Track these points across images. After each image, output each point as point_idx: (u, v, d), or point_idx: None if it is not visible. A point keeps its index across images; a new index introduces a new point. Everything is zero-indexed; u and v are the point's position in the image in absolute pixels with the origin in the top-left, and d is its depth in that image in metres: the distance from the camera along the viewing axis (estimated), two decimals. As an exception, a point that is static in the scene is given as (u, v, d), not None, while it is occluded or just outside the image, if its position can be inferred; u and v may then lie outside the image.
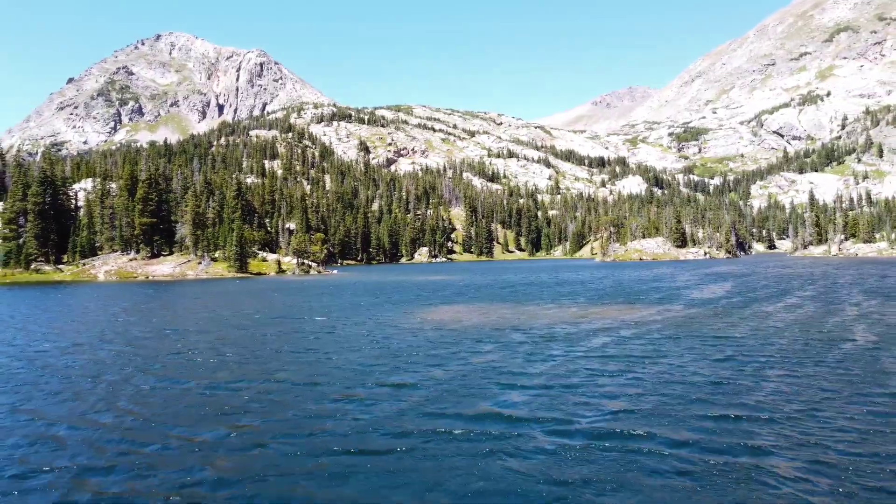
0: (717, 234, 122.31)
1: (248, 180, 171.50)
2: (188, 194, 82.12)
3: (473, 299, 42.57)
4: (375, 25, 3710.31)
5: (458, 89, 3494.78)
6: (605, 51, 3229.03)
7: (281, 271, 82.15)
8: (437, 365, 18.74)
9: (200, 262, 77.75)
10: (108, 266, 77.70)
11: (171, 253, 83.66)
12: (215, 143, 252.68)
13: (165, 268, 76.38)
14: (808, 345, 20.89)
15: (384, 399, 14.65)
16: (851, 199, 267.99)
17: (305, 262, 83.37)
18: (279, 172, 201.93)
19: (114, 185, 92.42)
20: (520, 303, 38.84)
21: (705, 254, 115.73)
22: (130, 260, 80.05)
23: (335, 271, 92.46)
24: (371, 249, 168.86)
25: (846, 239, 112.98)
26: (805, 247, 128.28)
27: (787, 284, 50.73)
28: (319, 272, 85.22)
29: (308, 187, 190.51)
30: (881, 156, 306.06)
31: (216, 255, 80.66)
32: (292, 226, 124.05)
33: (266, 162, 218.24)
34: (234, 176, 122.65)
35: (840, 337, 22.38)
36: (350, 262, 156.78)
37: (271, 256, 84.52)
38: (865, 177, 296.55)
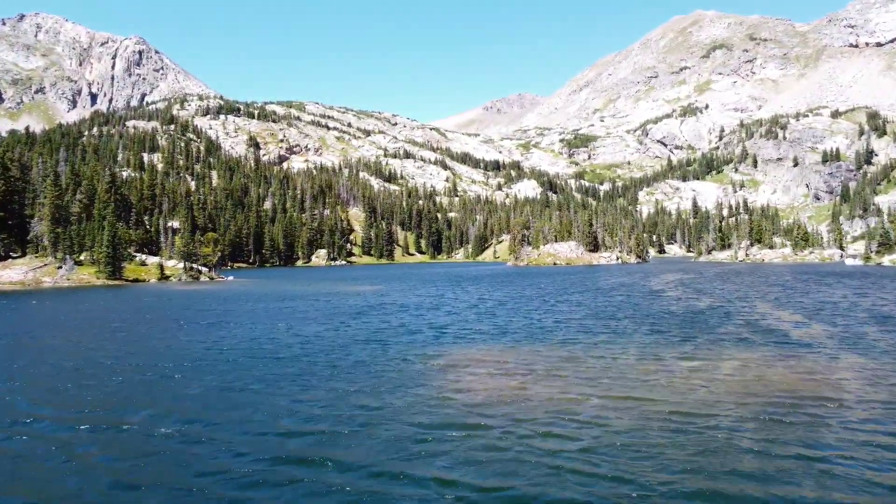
0: (628, 239, 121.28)
1: (124, 174, 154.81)
2: (47, 183, 68.14)
3: (475, 334, 28.99)
4: (264, 19, 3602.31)
5: (351, 88, 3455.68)
6: (494, 57, 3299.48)
7: (164, 277, 69.69)
8: None
9: (61, 267, 64.34)
10: (-61, 270, 63.33)
11: (24, 254, 69.88)
12: (87, 133, 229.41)
13: (14, 273, 62.90)
14: None
15: None
16: (731, 206, 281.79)
17: (195, 266, 71.85)
18: (160, 167, 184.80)
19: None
20: (567, 344, 25.58)
21: (617, 258, 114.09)
22: (-30, 263, 65.77)
23: (230, 277, 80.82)
24: (265, 251, 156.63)
25: (751, 245, 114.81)
26: (709, 251, 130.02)
27: (824, 297, 43.95)
28: (212, 278, 73.60)
29: (193, 183, 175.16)
30: (755, 166, 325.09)
31: (82, 257, 67.60)
32: (176, 224, 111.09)
33: (145, 155, 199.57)
34: (107, 167, 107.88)
35: None
36: (241, 264, 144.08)
37: (153, 259, 71.77)
38: (742, 185, 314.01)
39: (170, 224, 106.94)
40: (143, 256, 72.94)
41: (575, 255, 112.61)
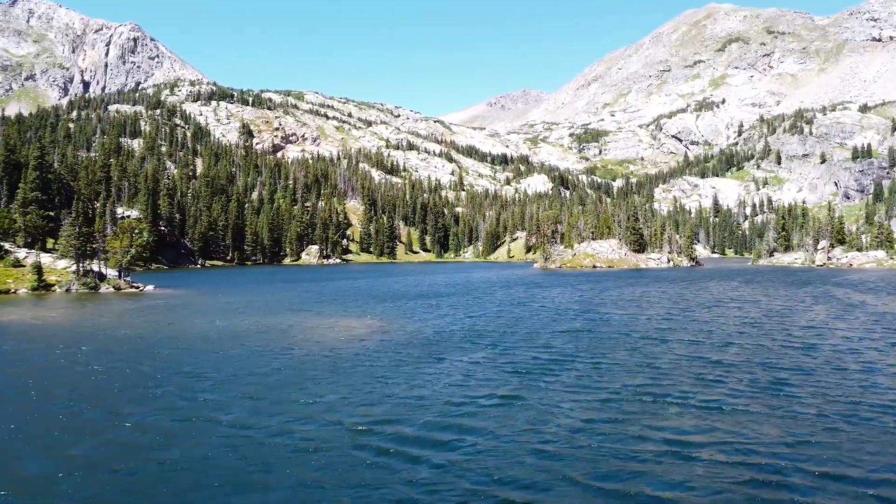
0: (678, 237, 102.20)
1: (81, 155, 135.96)
2: None
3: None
4: (266, 9, 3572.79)
5: (352, 83, 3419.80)
6: (498, 53, 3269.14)
7: (43, 286, 47.98)
8: None
9: None
10: None
11: None
12: (65, 116, 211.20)
13: None
14: None
15: None
16: (754, 205, 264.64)
17: (94, 269, 49.77)
18: (137, 152, 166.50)
19: None
20: None
21: (668, 260, 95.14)
22: None
23: (150, 286, 55.20)
24: (246, 247, 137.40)
25: (832, 246, 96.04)
26: (771, 253, 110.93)
27: None
28: (119, 288, 51.33)
29: (175, 171, 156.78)
30: (779, 162, 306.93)
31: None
32: (134, 213, 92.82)
33: (125, 140, 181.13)
34: (38, 141, 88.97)
35: None
36: (217, 262, 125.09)
37: (31, 258, 52.07)
38: (765, 183, 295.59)
39: (127, 213, 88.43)
40: (24, 253, 52.22)
41: (617, 255, 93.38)
